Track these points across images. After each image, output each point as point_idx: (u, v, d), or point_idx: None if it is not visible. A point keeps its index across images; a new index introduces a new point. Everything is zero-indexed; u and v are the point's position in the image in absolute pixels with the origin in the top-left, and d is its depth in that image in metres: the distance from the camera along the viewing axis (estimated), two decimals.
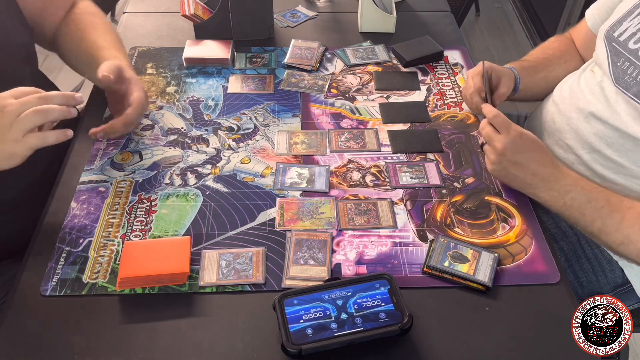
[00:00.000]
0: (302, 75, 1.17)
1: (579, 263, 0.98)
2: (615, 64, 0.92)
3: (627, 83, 0.89)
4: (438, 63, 1.21)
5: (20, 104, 0.75)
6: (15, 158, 0.76)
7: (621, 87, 0.90)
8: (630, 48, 0.90)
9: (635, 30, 0.90)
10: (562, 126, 0.99)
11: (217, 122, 1.05)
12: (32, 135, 0.76)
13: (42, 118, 0.75)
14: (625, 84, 0.89)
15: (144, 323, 0.74)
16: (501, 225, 0.87)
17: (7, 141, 0.74)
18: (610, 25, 0.95)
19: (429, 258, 0.80)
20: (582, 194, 0.83)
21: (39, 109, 0.75)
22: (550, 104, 1.04)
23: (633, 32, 0.90)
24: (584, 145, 0.95)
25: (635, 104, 0.87)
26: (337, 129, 1.04)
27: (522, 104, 1.48)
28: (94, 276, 0.78)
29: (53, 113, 0.76)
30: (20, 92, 0.77)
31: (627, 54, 0.90)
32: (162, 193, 0.90)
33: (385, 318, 0.70)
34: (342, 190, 0.92)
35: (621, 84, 0.90)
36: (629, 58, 0.90)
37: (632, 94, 0.87)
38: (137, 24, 1.34)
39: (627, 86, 0.89)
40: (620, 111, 0.89)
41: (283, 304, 0.71)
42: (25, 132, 0.75)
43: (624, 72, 0.90)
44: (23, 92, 0.77)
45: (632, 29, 0.91)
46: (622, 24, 0.93)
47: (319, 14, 1.39)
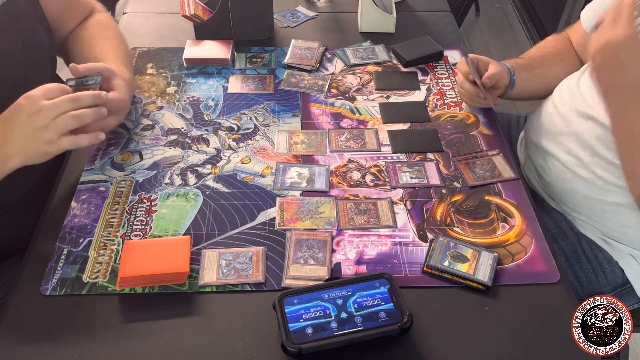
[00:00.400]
0: (302, 75, 1.17)
1: (579, 263, 0.98)
2: None
3: None
4: (438, 63, 1.21)
5: (54, 105, 0.78)
6: (48, 156, 0.81)
7: None
8: None
9: None
10: (562, 128, 0.99)
11: (217, 122, 1.05)
12: (66, 138, 0.80)
13: (78, 122, 0.80)
14: None
15: (144, 322, 0.74)
16: (501, 224, 0.87)
17: (42, 141, 0.79)
18: None
19: (429, 257, 0.80)
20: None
21: (76, 114, 0.80)
22: (550, 106, 1.04)
23: None
24: (584, 148, 0.94)
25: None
26: (337, 129, 1.04)
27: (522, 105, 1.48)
28: (94, 276, 0.78)
29: (87, 117, 0.81)
30: (50, 90, 0.80)
31: None
32: (162, 193, 0.91)
33: (385, 317, 0.70)
34: (342, 190, 0.92)
35: None
36: None
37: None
38: (138, 25, 1.34)
39: None
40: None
41: (283, 304, 0.71)
42: (60, 134, 0.79)
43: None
44: (53, 90, 0.81)
45: None
46: None
47: (319, 14, 1.39)
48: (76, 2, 1.08)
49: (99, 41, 1.03)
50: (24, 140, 0.79)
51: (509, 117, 1.27)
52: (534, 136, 1.06)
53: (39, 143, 0.79)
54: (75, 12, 1.08)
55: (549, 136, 1.02)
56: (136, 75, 1.16)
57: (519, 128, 1.23)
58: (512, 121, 1.26)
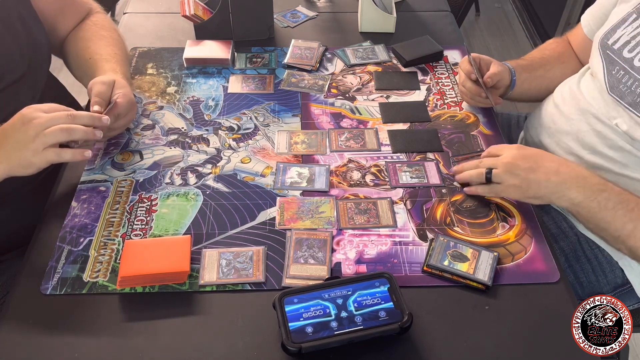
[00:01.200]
0: (302, 75, 1.17)
1: (579, 263, 0.98)
2: (610, 72, 0.92)
3: (621, 92, 0.89)
4: (438, 63, 1.22)
5: (48, 118, 0.80)
6: (31, 167, 0.81)
7: (616, 95, 0.90)
8: (625, 57, 0.90)
9: (629, 39, 0.90)
10: (562, 127, 0.99)
11: (218, 122, 1.05)
12: (51, 150, 0.80)
13: (66, 136, 0.80)
14: (619, 93, 0.89)
15: (144, 322, 0.74)
16: (501, 224, 0.87)
17: (29, 150, 0.79)
18: (605, 33, 0.95)
19: (429, 257, 0.80)
20: (615, 194, 0.80)
21: (64, 127, 0.80)
22: (551, 105, 1.04)
23: (627, 40, 0.90)
24: (585, 147, 0.94)
25: (630, 113, 0.87)
26: (337, 129, 1.04)
27: (522, 105, 1.48)
28: (95, 275, 0.78)
29: (77, 133, 0.81)
30: (51, 107, 0.82)
31: (621, 63, 0.90)
32: (162, 192, 0.91)
33: (385, 317, 0.70)
34: (342, 189, 0.92)
35: (616, 93, 0.90)
36: (623, 67, 0.90)
37: (627, 103, 0.88)
38: (138, 25, 1.34)
39: (621, 95, 0.89)
40: (617, 117, 0.90)
41: (283, 303, 0.71)
42: (46, 145, 0.79)
43: (618, 81, 0.90)
44: (54, 107, 0.82)
45: (626, 37, 0.91)
46: (616, 31, 0.93)
47: (319, 14, 1.39)
48: (71, 3, 1.08)
49: (94, 42, 1.04)
50: (11, 147, 0.79)
51: (509, 117, 1.27)
52: (534, 135, 1.07)
53: (24, 151, 0.79)
54: (70, 13, 1.08)
55: (549, 135, 1.02)
56: (136, 76, 1.16)
57: (519, 128, 1.23)
58: (512, 121, 1.26)
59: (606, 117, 0.92)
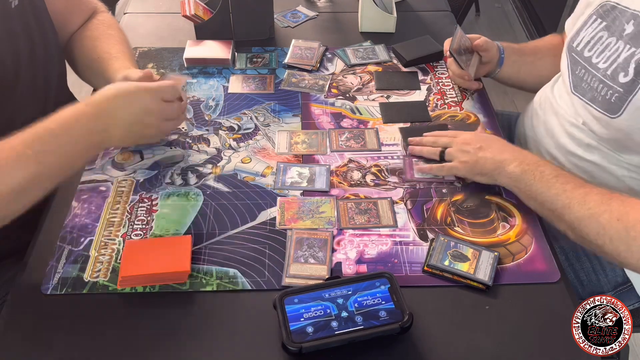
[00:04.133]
0: (302, 75, 1.17)
1: (579, 262, 0.98)
2: (574, 72, 0.96)
3: (583, 89, 0.93)
4: (438, 63, 1.22)
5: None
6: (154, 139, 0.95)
7: (579, 93, 0.94)
8: (585, 56, 0.94)
9: (589, 39, 0.94)
10: (541, 132, 1.04)
11: (218, 122, 1.05)
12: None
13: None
14: (582, 91, 0.94)
15: (144, 321, 0.74)
16: (501, 224, 0.87)
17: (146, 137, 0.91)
18: (571, 37, 0.99)
19: (429, 257, 0.80)
20: (551, 169, 0.83)
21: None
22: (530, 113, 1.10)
23: (587, 41, 0.94)
24: (560, 149, 0.99)
25: (591, 109, 0.91)
26: (338, 129, 1.04)
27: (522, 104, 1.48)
28: (95, 275, 0.78)
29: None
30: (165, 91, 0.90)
31: (582, 62, 0.94)
32: (163, 192, 0.91)
33: (385, 316, 0.70)
34: (342, 189, 0.92)
35: (579, 91, 0.94)
36: (584, 65, 0.94)
37: (588, 99, 0.92)
38: (138, 25, 1.34)
39: (583, 92, 0.93)
40: (582, 115, 0.94)
41: (283, 303, 0.71)
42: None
43: (581, 80, 0.94)
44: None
45: (587, 38, 0.95)
46: (580, 34, 0.97)
47: (319, 14, 1.39)
48: (79, 2, 1.08)
49: (103, 40, 1.04)
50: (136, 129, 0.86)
51: (509, 117, 1.28)
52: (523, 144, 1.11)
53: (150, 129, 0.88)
54: (78, 12, 1.08)
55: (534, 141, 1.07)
56: None
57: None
58: (512, 121, 1.27)
59: (573, 117, 0.96)
